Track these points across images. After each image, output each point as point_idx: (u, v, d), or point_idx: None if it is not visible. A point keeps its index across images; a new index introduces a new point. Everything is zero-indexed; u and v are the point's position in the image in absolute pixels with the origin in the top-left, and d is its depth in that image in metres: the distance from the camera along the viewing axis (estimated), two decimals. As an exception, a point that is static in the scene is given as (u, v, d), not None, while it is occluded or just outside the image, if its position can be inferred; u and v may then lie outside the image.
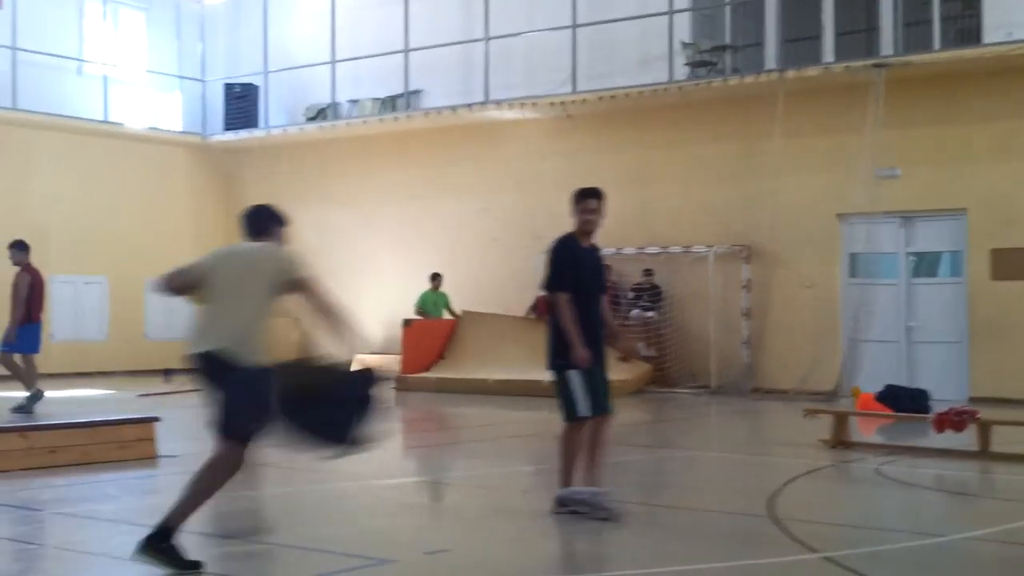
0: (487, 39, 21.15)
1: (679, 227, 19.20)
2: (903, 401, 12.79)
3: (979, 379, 16.77)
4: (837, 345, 17.82)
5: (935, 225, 17.70)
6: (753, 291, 18.60)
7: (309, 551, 6.52)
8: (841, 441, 11.09)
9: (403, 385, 19.25)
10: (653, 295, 19.16)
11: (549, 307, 7.70)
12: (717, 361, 18.63)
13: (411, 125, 22.35)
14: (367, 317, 23.42)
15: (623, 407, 16.12)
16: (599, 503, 7.32)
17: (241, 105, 24.76)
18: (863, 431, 12.67)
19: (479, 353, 19.52)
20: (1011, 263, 16.74)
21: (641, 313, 19.06)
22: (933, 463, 10.44)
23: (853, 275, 18.10)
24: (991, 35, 16.80)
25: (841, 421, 11.28)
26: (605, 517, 7.23)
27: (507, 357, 18.87)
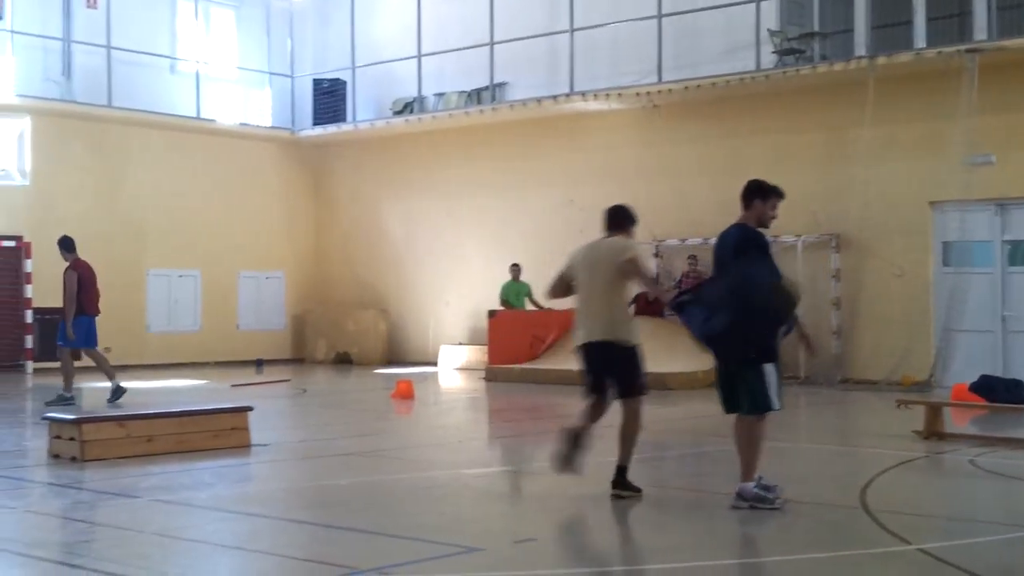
0: (572, 31, 21.12)
1: (767, 217, 18.99)
2: (998, 392, 12.53)
3: (1077, 369, 16.36)
4: (929, 335, 17.52)
5: (1032, 212, 17.31)
6: (843, 280, 18.35)
7: (399, 538, 6.60)
8: (934, 432, 10.92)
9: (491, 375, 19.33)
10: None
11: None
12: (806, 351, 18.36)
13: (496, 118, 22.41)
14: (453, 308, 23.64)
15: (711, 399, 16.02)
16: (771, 496, 7.39)
17: (329, 100, 25.05)
18: (957, 422, 12.46)
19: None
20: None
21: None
22: (1030, 455, 10.23)
23: (946, 264, 17.75)
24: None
25: (934, 412, 11.10)
26: (775, 508, 7.29)
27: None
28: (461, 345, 22.93)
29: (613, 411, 8.06)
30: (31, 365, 21.03)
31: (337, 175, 25.88)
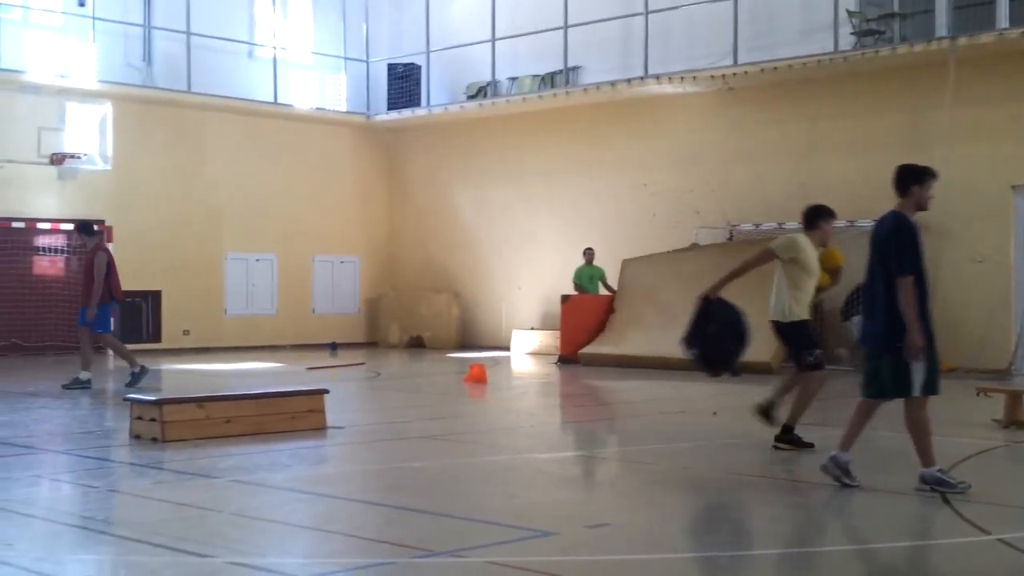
0: (647, 13, 20.97)
1: (844, 201, 18.47)
2: (1082, 380, 12.29)
3: None
4: (1010, 322, 17.19)
5: (1119, 196, 16.90)
6: (922, 266, 18.04)
7: (473, 521, 6.64)
8: (1014, 421, 10.73)
9: (565, 360, 19.33)
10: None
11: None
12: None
13: (570, 101, 22.36)
14: (525, 293, 23.67)
15: (765, 384, 15.87)
16: (944, 480, 7.36)
17: (404, 85, 25.17)
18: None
19: (645, 328, 19.44)
20: None
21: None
22: (1115, 445, 10.01)
23: (1029, 249, 17.41)
24: None
25: (1015, 400, 10.90)
26: (957, 492, 7.26)
27: (671, 325, 18.78)
28: (533, 330, 22.97)
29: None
30: (113, 347, 21.41)
31: (411, 160, 26.01)
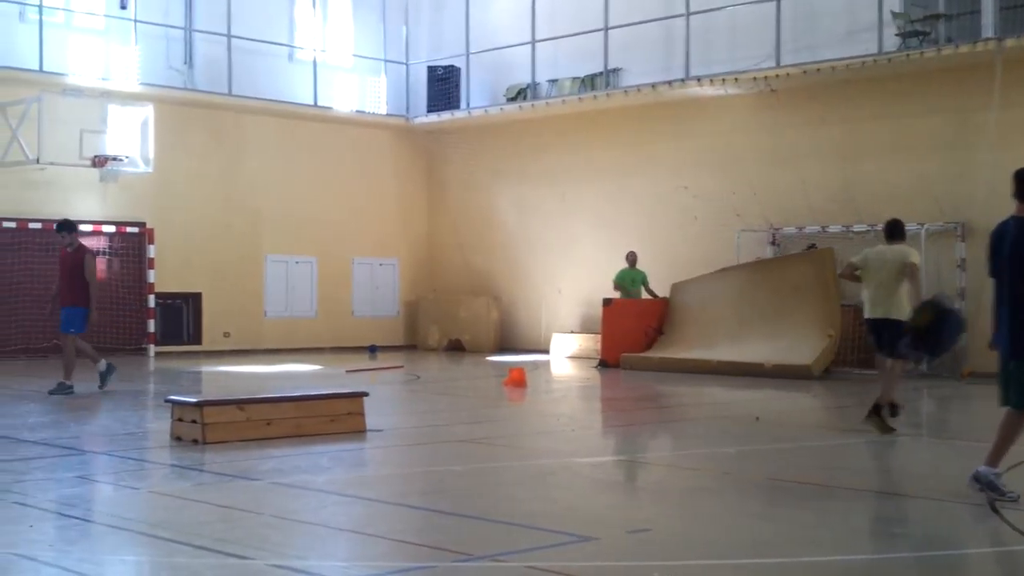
0: (688, 14, 20.87)
1: (888, 204, 18.41)
2: None
3: None
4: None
5: None
6: (969, 270, 17.83)
7: (513, 526, 6.59)
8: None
9: (605, 364, 19.24)
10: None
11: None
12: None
13: (610, 103, 22.28)
14: (565, 296, 23.59)
15: (823, 389, 15.80)
16: (996, 485, 7.29)
17: (443, 87, 25.18)
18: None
19: (688, 333, 19.35)
20: None
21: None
22: None
23: (1077, 253, 17.10)
24: None
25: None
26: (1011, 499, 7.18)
27: (716, 336, 18.74)
28: (573, 333, 22.89)
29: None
30: (153, 348, 21.56)
31: (450, 162, 26.00)
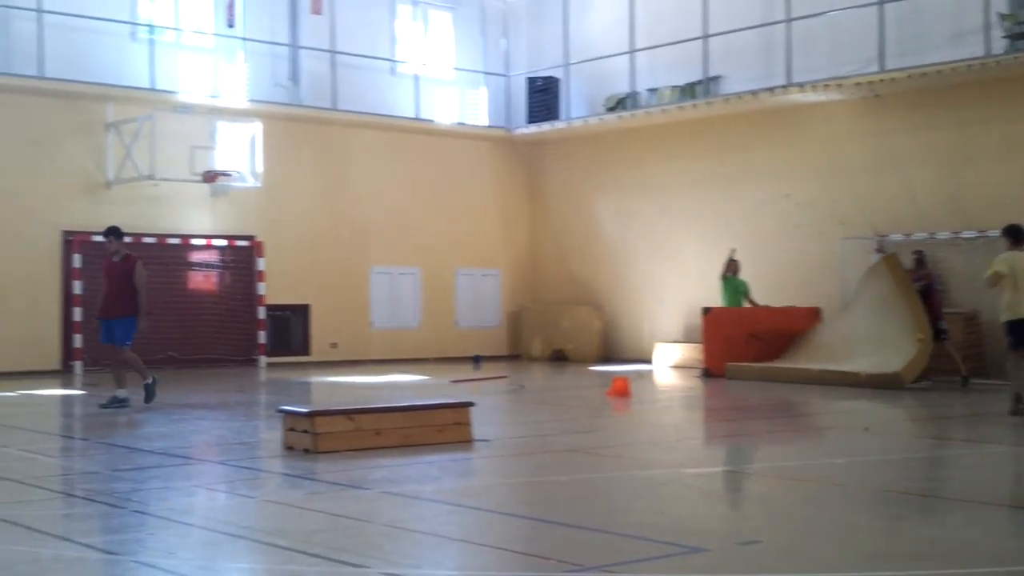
0: (788, 20, 20.69)
1: (998, 210, 18.07)
2: None
3: None
4: None
5: None
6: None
7: (621, 536, 6.61)
8: None
9: (709, 373, 19.14)
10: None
11: None
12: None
13: (711, 111, 22.17)
14: (667, 305, 23.51)
15: (928, 398, 15.50)
16: None
17: (543, 98, 25.31)
18: None
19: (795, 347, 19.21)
20: None
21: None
22: None
23: None
24: None
25: None
26: None
27: (823, 346, 18.57)
28: (676, 343, 22.79)
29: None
30: (264, 360, 22.00)
31: (551, 172, 26.10)
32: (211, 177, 21.57)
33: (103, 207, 20.89)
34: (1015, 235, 12.05)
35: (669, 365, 22.17)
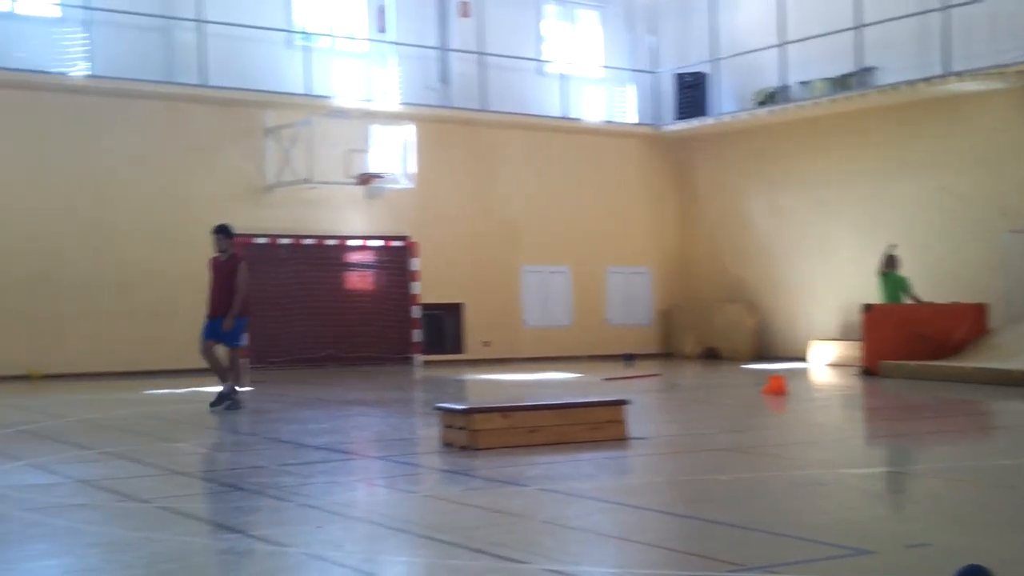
0: (946, 8, 20.09)
1: None
2: None
3: None
4: None
5: None
6: None
7: (782, 537, 6.52)
8: None
9: (867, 372, 18.71)
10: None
11: None
12: None
13: (865, 103, 21.68)
14: (822, 302, 23.07)
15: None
16: None
17: (692, 94, 25.12)
18: None
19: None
20: None
21: None
22: None
23: None
24: None
25: None
26: None
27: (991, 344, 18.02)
28: (832, 340, 22.35)
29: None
30: (419, 358, 22.36)
31: (700, 169, 25.88)
32: (366, 179, 22.02)
33: (263, 210, 21.53)
34: None
35: (825, 363, 21.75)
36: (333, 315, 21.99)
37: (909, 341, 18.81)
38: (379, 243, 22.63)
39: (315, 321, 21.92)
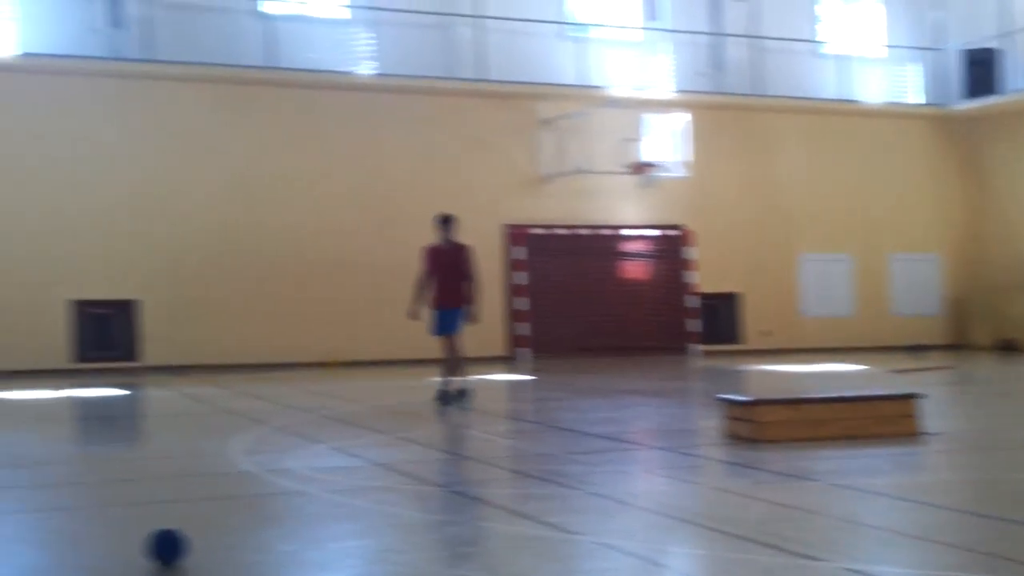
0: None
1: None
2: None
3: None
4: None
5: None
6: None
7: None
8: None
9: None
10: None
11: None
12: None
13: None
14: None
15: None
16: None
17: (981, 71, 23.89)
18: None
19: None
20: None
21: None
22: None
23: None
24: None
25: None
26: None
27: None
28: None
29: None
30: (697, 348, 22.21)
31: (992, 149, 24.54)
32: (639, 168, 22.03)
33: (539, 201, 21.90)
34: None
35: None
36: (608, 305, 22.14)
37: None
38: (653, 232, 22.60)
39: (590, 311, 22.12)
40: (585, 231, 22.00)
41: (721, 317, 22.93)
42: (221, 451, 9.58)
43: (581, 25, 22.97)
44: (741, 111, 23.31)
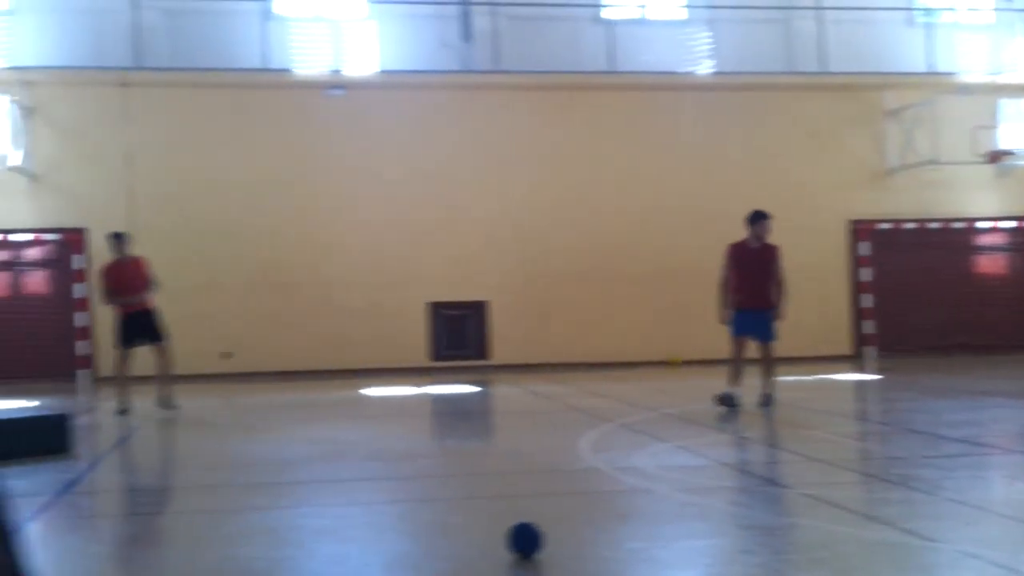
0: None
1: None
2: None
3: None
4: None
5: None
6: None
7: None
8: None
9: None
10: None
11: None
12: None
13: None
14: None
15: None
16: None
17: None
18: None
19: None
20: None
21: None
22: None
23: None
24: None
25: None
26: None
27: None
28: None
29: None
30: None
31: None
32: (995, 157, 20.86)
33: (885, 194, 21.20)
34: None
35: None
36: (960, 301, 21.12)
37: None
38: (1011, 224, 21.33)
39: (942, 308, 21.16)
40: (935, 225, 21.04)
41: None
42: (570, 447, 9.89)
43: (931, 10, 21.97)
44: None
